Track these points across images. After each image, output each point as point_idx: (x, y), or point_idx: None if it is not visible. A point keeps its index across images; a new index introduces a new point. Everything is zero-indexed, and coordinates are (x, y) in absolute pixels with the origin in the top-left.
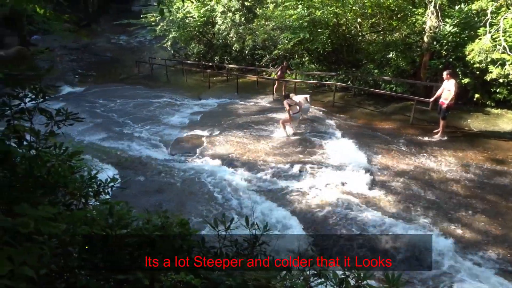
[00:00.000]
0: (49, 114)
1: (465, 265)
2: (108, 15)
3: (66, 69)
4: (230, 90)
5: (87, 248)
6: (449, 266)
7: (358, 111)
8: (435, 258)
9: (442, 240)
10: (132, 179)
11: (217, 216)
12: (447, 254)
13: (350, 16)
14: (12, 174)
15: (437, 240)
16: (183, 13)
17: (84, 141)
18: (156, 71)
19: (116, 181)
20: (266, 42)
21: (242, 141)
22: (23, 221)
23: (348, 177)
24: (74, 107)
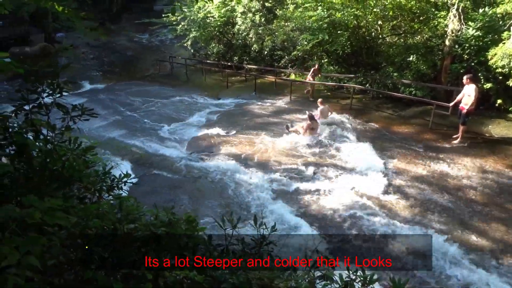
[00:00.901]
0: (66, 109)
1: (478, 273)
2: (131, 14)
3: (88, 66)
4: (248, 90)
5: (97, 241)
6: (461, 274)
7: (376, 114)
8: (447, 265)
9: (455, 247)
10: (147, 175)
11: (226, 214)
12: (460, 262)
13: (370, 18)
14: (28, 167)
15: (450, 247)
16: (204, 13)
17: (103, 136)
18: (176, 70)
19: (130, 176)
20: (285, 43)
21: (258, 141)
22: (30, 212)
23: (363, 181)
24: (94, 103)
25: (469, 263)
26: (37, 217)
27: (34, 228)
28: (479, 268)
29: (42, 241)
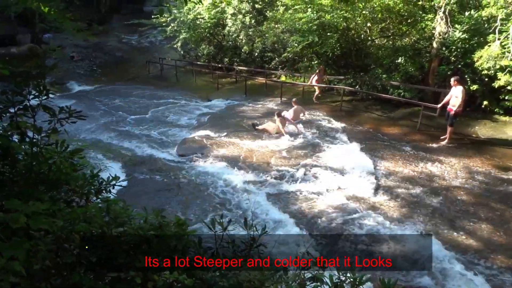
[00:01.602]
0: (52, 111)
1: (465, 273)
2: (120, 15)
3: (77, 68)
4: (238, 92)
5: (85, 245)
6: (449, 274)
7: (365, 115)
8: (435, 266)
9: (443, 247)
10: (137, 178)
11: (217, 216)
12: (447, 262)
13: (359, 20)
14: (13, 170)
15: (438, 248)
16: (194, 14)
17: (92, 139)
18: (166, 71)
19: (118, 179)
20: (276, 45)
21: (249, 143)
22: (13, 216)
23: (353, 182)
24: (82, 105)
25: (456, 263)
26: (22, 222)
27: (21, 233)
28: (466, 269)
29: (26, 246)
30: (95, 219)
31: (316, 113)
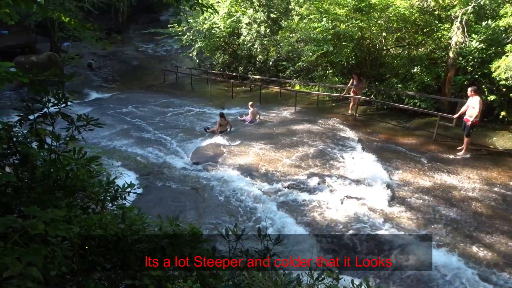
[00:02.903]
0: (71, 119)
1: (482, 287)
2: (137, 24)
3: (94, 76)
4: (252, 101)
5: (101, 252)
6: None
7: (380, 125)
8: (449, 278)
9: (460, 260)
10: (151, 185)
11: (230, 225)
12: (464, 275)
13: (375, 30)
14: (32, 176)
15: (454, 260)
16: (210, 23)
17: (108, 146)
18: (181, 79)
19: (134, 186)
20: (290, 54)
21: (262, 151)
22: (32, 223)
23: (367, 192)
24: (99, 113)
25: (472, 276)
26: (41, 228)
27: (38, 238)
28: (483, 281)
29: (44, 252)
30: (110, 226)
31: (330, 123)
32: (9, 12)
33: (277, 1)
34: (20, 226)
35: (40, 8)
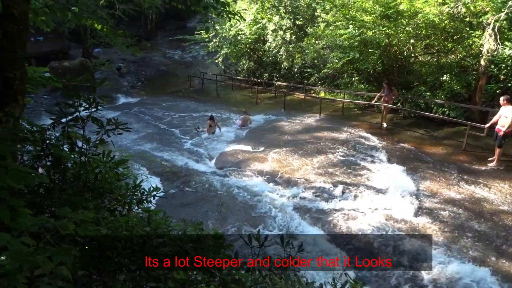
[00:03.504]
0: (101, 123)
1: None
2: (165, 31)
3: (123, 81)
4: (277, 107)
5: (126, 254)
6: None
7: (407, 134)
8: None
9: (490, 275)
10: (175, 189)
11: (253, 232)
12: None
13: (402, 37)
14: (63, 178)
15: (484, 275)
16: (236, 30)
17: (135, 149)
18: (207, 85)
19: (159, 190)
20: (315, 61)
21: (286, 158)
22: (64, 223)
23: (393, 202)
24: (127, 116)
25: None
26: (71, 229)
27: (68, 238)
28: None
29: (74, 252)
30: (136, 229)
31: (355, 131)
32: (45, 20)
33: (303, 8)
34: (52, 226)
35: (75, 16)
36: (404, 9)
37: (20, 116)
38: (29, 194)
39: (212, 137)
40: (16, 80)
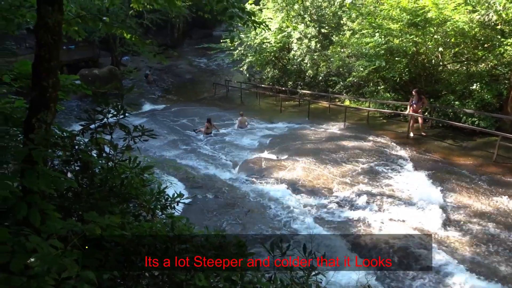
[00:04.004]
0: (128, 129)
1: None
2: (191, 39)
3: (149, 88)
4: (301, 115)
5: (150, 259)
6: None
7: (435, 144)
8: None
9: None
10: (198, 196)
11: (275, 240)
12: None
13: (430, 45)
14: (90, 183)
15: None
16: (261, 38)
17: (159, 155)
18: (231, 93)
19: (183, 196)
20: (341, 69)
21: (310, 166)
22: (90, 227)
23: (419, 213)
24: (153, 123)
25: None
26: (98, 233)
27: (93, 242)
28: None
29: (100, 256)
30: (160, 234)
31: (380, 140)
32: (77, 29)
33: (328, 17)
34: (79, 230)
35: (105, 25)
36: (432, 17)
37: (52, 122)
38: (59, 198)
39: (212, 138)
40: (49, 88)
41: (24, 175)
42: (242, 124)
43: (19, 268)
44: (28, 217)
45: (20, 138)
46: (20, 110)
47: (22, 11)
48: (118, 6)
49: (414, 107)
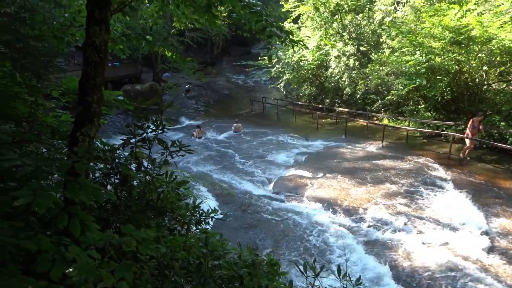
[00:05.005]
0: (166, 144)
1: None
2: (230, 56)
3: (188, 103)
4: (338, 133)
5: (183, 274)
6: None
7: (479, 165)
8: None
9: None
10: (232, 211)
11: (309, 260)
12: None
13: (474, 63)
14: (128, 195)
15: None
16: (298, 56)
17: (195, 170)
18: (268, 110)
19: (217, 212)
20: (379, 87)
21: (345, 186)
22: (127, 240)
23: (461, 238)
24: (190, 138)
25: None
26: (133, 246)
27: (130, 255)
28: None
29: (135, 269)
30: (193, 249)
31: (420, 160)
32: (122, 47)
33: (367, 35)
34: (116, 243)
35: (148, 44)
36: (476, 35)
37: (95, 136)
38: (98, 210)
39: (204, 143)
40: (94, 103)
41: (67, 186)
42: (237, 129)
43: (58, 276)
44: (68, 227)
45: (65, 151)
46: (66, 124)
47: (72, 30)
48: (161, 25)
49: (472, 131)
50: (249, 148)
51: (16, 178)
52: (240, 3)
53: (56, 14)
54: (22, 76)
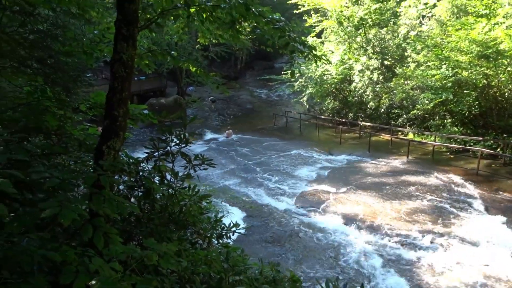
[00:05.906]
0: (189, 158)
1: None
2: (253, 70)
3: (211, 117)
4: (361, 148)
5: None
6: None
7: (508, 182)
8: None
9: None
10: (255, 225)
11: (331, 277)
12: None
13: (503, 77)
14: (151, 208)
15: None
16: (322, 70)
17: (218, 184)
18: (291, 124)
19: (239, 226)
20: (404, 101)
21: (369, 201)
22: (149, 254)
23: (491, 258)
24: (213, 152)
25: None
26: (154, 260)
27: (151, 268)
28: None
29: (155, 283)
30: (214, 264)
31: (446, 176)
32: (148, 62)
33: (392, 49)
34: (138, 256)
35: (173, 59)
36: (505, 48)
37: (120, 149)
38: (121, 222)
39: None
40: (119, 117)
41: (92, 198)
42: (229, 135)
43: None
44: (92, 239)
45: (91, 163)
46: (93, 137)
47: (101, 46)
48: (186, 41)
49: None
50: (272, 162)
51: (44, 190)
52: (264, 19)
53: (86, 31)
54: (52, 90)
